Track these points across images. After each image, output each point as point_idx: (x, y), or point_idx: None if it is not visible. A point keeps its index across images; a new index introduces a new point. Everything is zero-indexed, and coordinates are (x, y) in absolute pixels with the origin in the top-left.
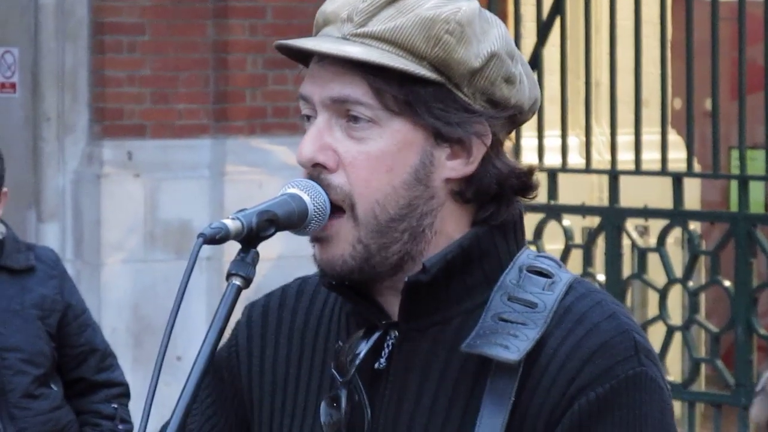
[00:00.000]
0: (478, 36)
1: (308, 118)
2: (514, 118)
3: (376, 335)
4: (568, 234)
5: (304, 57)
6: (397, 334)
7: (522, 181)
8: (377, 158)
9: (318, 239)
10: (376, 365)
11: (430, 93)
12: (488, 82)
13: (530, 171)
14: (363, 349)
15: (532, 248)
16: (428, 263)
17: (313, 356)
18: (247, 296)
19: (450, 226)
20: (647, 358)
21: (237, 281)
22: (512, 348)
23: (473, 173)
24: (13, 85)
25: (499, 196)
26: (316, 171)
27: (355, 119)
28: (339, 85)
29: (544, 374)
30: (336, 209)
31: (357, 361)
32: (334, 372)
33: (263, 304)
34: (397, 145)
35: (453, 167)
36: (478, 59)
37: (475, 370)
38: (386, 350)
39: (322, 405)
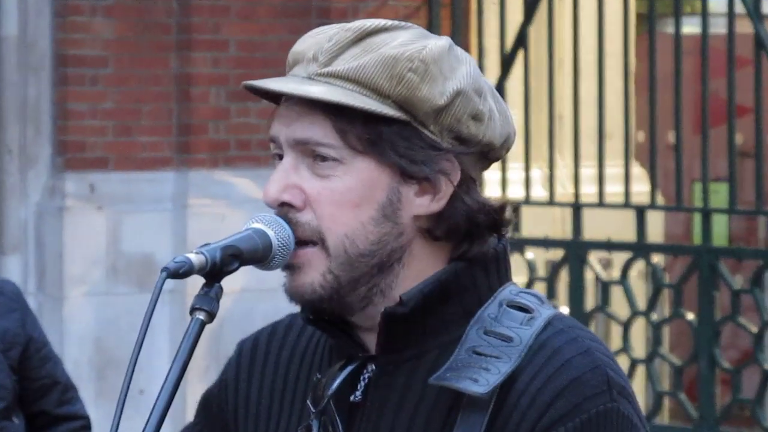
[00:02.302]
0: (444, 73)
1: (280, 156)
2: (486, 154)
3: (350, 367)
4: (531, 267)
5: (275, 97)
6: (374, 367)
7: (492, 218)
8: (342, 194)
9: (289, 267)
10: (352, 398)
11: (394, 131)
12: (454, 120)
13: (502, 207)
14: (337, 380)
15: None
16: (405, 296)
17: (296, 389)
18: (210, 330)
19: (420, 263)
20: (620, 395)
21: (201, 316)
22: (482, 381)
23: (442, 210)
24: None
25: (470, 233)
26: (283, 210)
27: (321, 158)
28: (302, 126)
29: (514, 409)
30: (306, 243)
31: (329, 392)
32: (308, 403)
33: (253, 339)
34: (362, 183)
35: (421, 204)
36: (443, 97)
37: (448, 405)
38: (362, 383)
39: None
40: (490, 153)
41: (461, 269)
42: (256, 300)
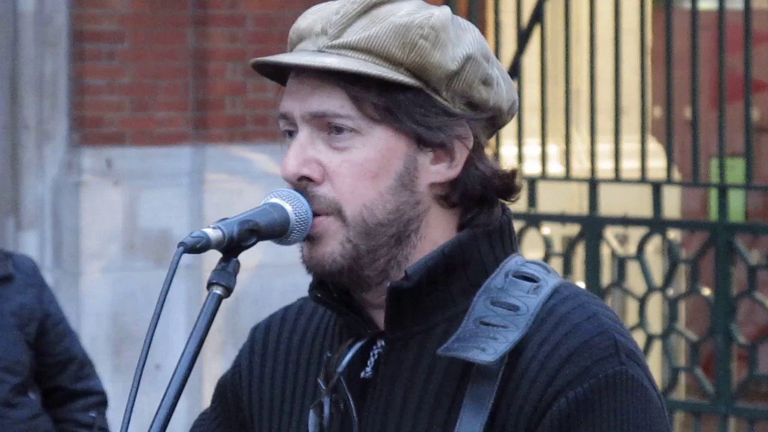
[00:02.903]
0: (452, 40)
1: (290, 133)
2: (494, 120)
3: (359, 344)
4: (547, 242)
5: (282, 75)
6: (383, 343)
7: (505, 183)
8: (361, 166)
9: (307, 238)
10: (363, 374)
11: (409, 99)
12: (466, 85)
13: (513, 173)
14: (347, 357)
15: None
16: (410, 270)
17: (308, 370)
18: (226, 306)
19: (436, 232)
20: (628, 358)
21: (218, 290)
22: (489, 350)
23: (457, 177)
24: None
25: (483, 199)
26: (302, 184)
27: (338, 130)
28: (318, 99)
29: (523, 377)
30: (323, 215)
31: (339, 369)
32: (320, 381)
33: (266, 325)
34: (380, 153)
35: (437, 171)
36: (455, 62)
37: (458, 376)
38: (372, 359)
39: (310, 414)
40: (498, 119)
41: (465, 241)
42: (273, 275)
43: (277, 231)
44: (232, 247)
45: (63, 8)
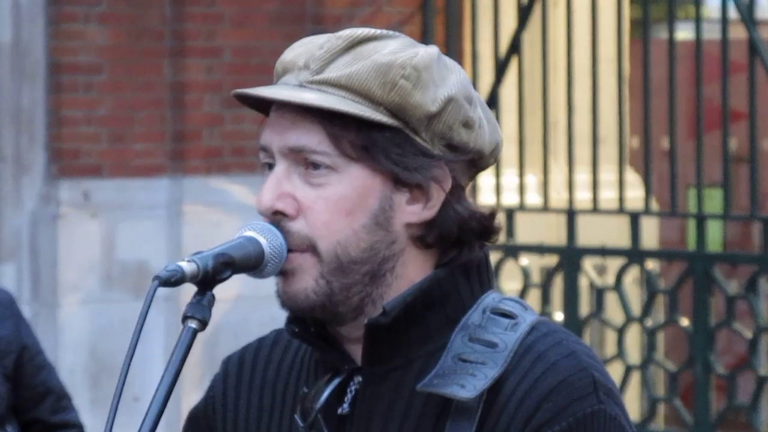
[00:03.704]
0: (435, 81)
1: (270, 166)
2: (475, 162)
3: (337, 380)
4: (526, 273)
5: (265, 106)
6: (360, 379)
7: (483, 225)
8: (336, 203)
9: (282, 273)
10: (340, 410)
11: (387, 138)
12: (446, 127)
13: (491, 215)
14: (324, 393)
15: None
16: (388, 306)
17: (284, 404)
18: (205, 337)
19: (412, 271)
20: (607, 396)
21: (193, 324)
22: (469, 387)
23: (434, 218)
24: None
25: (460, 241)
26: (276, 218)
27: (314, 166)
28: (296, 134)
29: (502, 414)
30: (298, 250)
31: (317, 405)
32: (297, 417)
33: (239, 356)
34: (355, 191)
35: (413, 212)
36: (435, 104)
37: (436, 413)
38: (349, 395)
39: None
40: (480, 161)
41: (443, 277)
42: (252, 307)
43: (252, 264)
44: (207, 281)
45: (40, 40)
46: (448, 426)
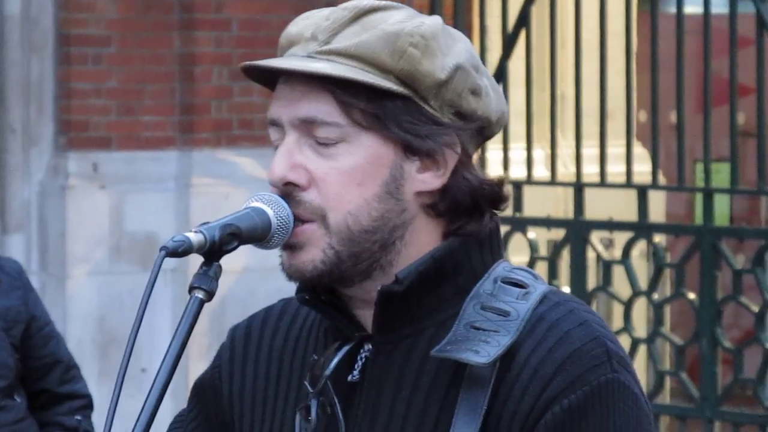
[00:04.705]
0: (442, 49)
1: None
2: (482, 131)
3: (347, 347)
4: (533, 246)
5: (271, 80)
6: (370, 346)
7: (493, 192)
8: (348, 173)
9: (289, 246)
10: (350, 378)
11: (397, 106)
12: (455, 94)
13: (500, 182)
14: (334, 360)
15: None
16: (401, 274)
17: (291, 373)
18: (212, 308)
19: (422, 239)
20: (620, 365)
21: (199, 294)
22: (483, 353)
23: (444, 186)
24: None
25: (471, 209)
26: (287, 189)
27: (325, 137)
28: (306, 105)
29: (516, 383)
30: (305, 221)
31: (326, 372)
32: (306, 384)
33: (246, 325)
34: (367, 160)
35: (423, 180)
36: (444, 71)
37: (448, 380)
38: (359, 363)
39: (297, 418)
40: (486, 129)
41: (455, 246)
42: (259, 279)
43: (259, 235)
44: (213, 251)
45: (50, 12)
46: (462, 394)
